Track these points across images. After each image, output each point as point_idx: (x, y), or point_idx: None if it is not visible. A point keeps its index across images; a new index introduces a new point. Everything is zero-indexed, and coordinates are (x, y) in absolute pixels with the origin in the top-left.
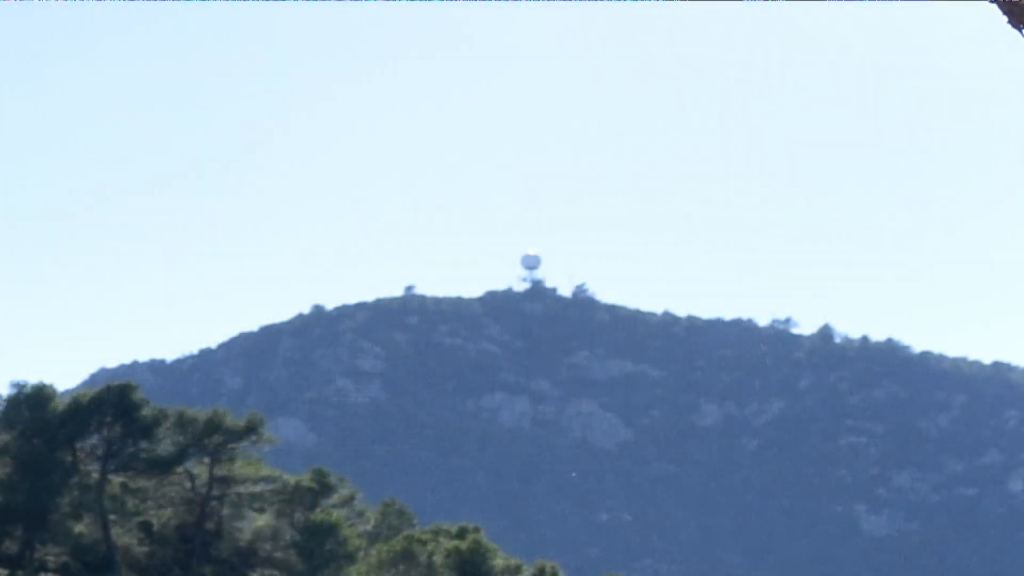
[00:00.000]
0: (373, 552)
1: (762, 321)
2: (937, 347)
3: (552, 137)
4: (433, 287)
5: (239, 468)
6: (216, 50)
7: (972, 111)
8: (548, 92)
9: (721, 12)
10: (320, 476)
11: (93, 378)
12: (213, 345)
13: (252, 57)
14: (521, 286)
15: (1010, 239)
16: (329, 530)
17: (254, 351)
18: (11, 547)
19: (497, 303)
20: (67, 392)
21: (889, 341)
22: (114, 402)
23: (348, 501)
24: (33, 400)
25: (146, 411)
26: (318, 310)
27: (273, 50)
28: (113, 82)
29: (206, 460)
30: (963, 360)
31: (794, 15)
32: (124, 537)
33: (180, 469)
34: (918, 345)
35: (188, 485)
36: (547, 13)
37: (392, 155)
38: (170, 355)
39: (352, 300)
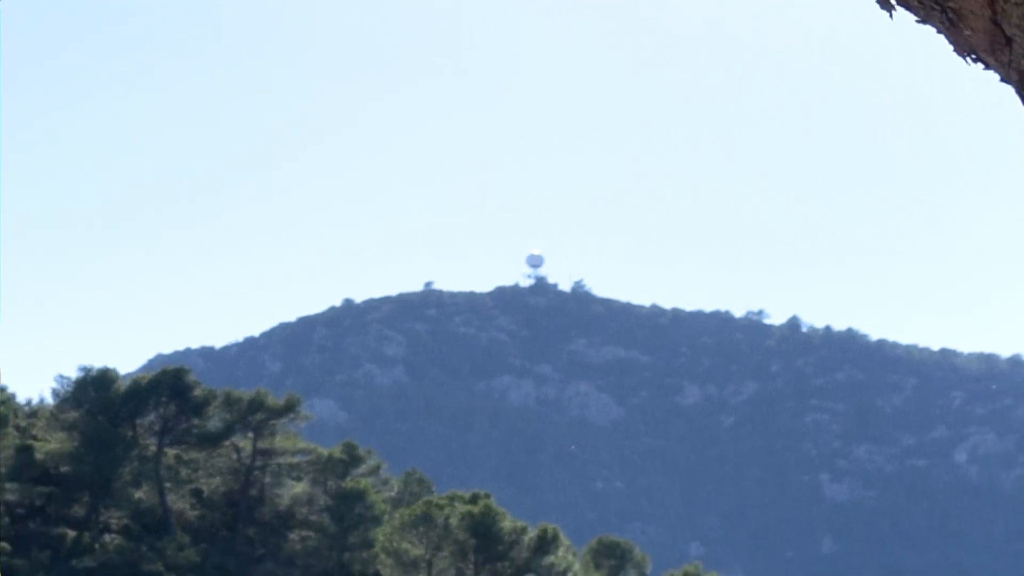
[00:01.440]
0: (396, 515)
1: (738, 313)
2: (891, 335)
3: (554, 149)
4: (449, 283)
5: (279, 442)
6: (247, 62)
7: (920, 129)
8: (549, 110)
9: (700, 28)
10: (350, 449)
11: (150, 363)
12: (256, 334)
13: (283, 71)
14: (526, 282)
15: (956, 243)
16: (358, 496)
17: (292, 339)
18: (79, 511)
19: (505, 297)
20: (128, 375)
21: (849, 330)
22: (169, 384)
23: (374, 471)
24: (98, 382)
25: (197, 392)
26: (348, 303)
27: (308, 65)
28: (160, 84)
29: (250, 435)
30: (914, 347)
31: (772, 28)
32: (178, 502)
33: (227, 443)
34: (875, 334)
35: (234, 457)
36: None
37: (414, 167)
38: (218, 342)
39: (378, 294)
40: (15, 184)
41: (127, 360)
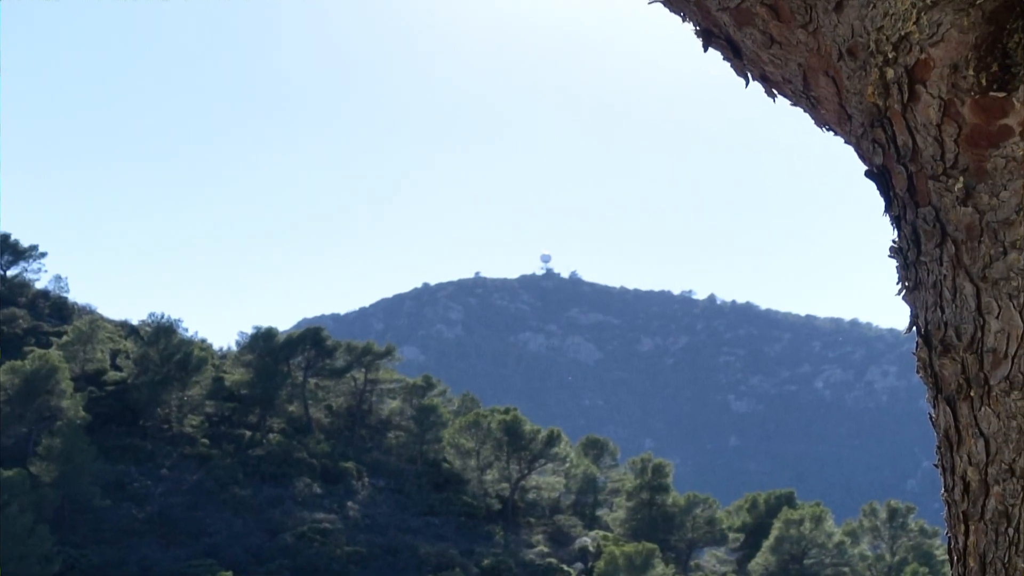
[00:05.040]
0: (456, 422)
1: (676, 291)
2: (774, 306)
3: (559, 181)
4: (491, 272)
5: (381, 375)
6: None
7: (793, 170)
8: (555, 153)
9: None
10: (427, 380)
11: (298, 323)
12: (367, 305)
13: (378, 125)
14: (540, 272)
15: (817, 243)
16: (432, 410)
17: (390, 308)
18: (252, 419)
19: (526, 281)
20: (284, 331)
21: (748, 302)
22: (311, 337)
23: (443, 393)
24: (265, 336)
25: (329, 342)
26: (426, 285)
27: (399, 116)
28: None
29: (363, 370)
30: (789, 313)
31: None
32: (316, 413)
33: (348, 375)
34: (763, 304)
35: (353, 384)
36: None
37: (471, 195)
38: (342, 310)
39: (445, 279)
40: (225, 197)
41: (283, 321)
